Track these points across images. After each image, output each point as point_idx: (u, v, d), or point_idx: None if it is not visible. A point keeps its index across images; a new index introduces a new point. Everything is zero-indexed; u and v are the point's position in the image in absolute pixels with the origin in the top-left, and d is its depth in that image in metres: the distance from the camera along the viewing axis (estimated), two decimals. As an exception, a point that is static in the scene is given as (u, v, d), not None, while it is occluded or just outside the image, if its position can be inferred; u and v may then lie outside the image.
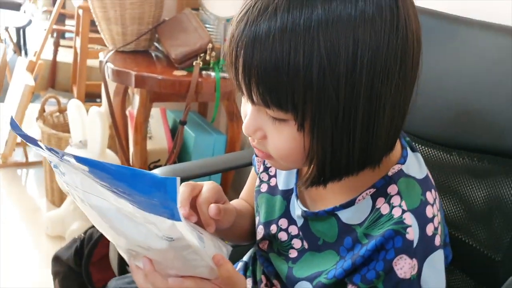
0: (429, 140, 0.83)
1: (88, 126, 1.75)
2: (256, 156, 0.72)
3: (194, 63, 1.48)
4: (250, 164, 0.85)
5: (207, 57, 1.50)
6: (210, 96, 1.54)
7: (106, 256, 1.13)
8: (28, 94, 2.10)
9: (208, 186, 0.62)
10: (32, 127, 2.63)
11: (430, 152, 0.83)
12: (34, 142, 0.49)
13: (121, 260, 0.96)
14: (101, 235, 1.12)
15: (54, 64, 2.86)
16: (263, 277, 0.73)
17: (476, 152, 0.77)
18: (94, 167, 0.44)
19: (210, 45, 1.50)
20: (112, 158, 1.87)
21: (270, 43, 0.46)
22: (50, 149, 0.47)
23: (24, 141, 0.52)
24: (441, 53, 0.81)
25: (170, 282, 0.53)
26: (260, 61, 0.47)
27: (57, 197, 2.03)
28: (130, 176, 0.42)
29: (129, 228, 0.50)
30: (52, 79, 2.87)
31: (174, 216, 0.44)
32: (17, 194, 2.17)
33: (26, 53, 3.24)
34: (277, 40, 0.46)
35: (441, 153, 0.82)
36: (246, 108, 0.56)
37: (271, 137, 0.54)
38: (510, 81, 0.72)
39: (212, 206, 0.60)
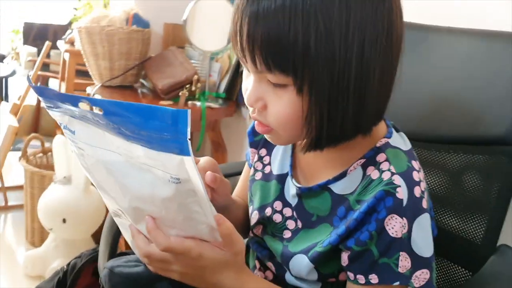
0: (410, 138, 0.88)
1: (73, 161, 1.76)
2: (253, 143, 0.76)
3: (180, 93, 1.54)
4: (240, 173, 0.88)
5: (193, 88, 1.57)
6: (196, 125, 1.58)
7: (91, 286, 1.11)
8: (11, 134, 2.10)
9: (205, 159, 0.66)
10: (13, 170, 2.62)
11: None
12: (47, 94, 0.52)
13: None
14: (84, 264, 1.11)
15: (38, 109, 2.90)
16: (256, 262, 0.75)
17: (452, 144, 0.82)
18: (109, 106, 0.46)
19: (196, 77, 1.56)
20: (95, 194, 1.87)
21: (272, 15, 0.52)
22: (65, 99, 0.50)
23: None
24: (413, 58, 0.89)
25: (171, 239, 0.55)
26: (263, 31, 0.52)
27: (38, 238, 1.99)
28: (145, 110, 0.45)
29: (135, 179, 0.52)
30: (35, 124, 2.89)
31: (183, 150, 0.47)
32: (-5, 238, 2.12)
33: (7, 100, 3.27)
34: (279, 13, 0.51)
35: (419, 149, 0.87)
36: (247, 82, 0.60)
37: (272, 104, 0.58)
38: (476, 76, 0.80)
39: (208, 173, 0.63)
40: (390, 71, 0.57)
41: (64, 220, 1.73)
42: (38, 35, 4.40)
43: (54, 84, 3.26)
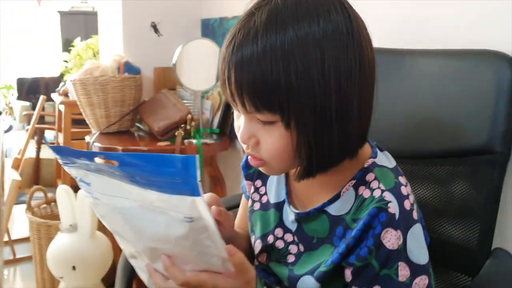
0: (396, 156, 0.94)
1: (78, 209, 1.80)
2: (247, 175, 0.81)
3: (176, 133, 1.59)
4: (238, 205, 0.93)
5: (188, 127, 1.62)
6: (194, 162, 1.63)
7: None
8: (15, 188, 2.15)
9: (208, 195, 0.71)
10: (17, 223, 2.64)
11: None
12: (64, 152, 0.57)
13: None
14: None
15: (37, 161, 2.94)
16: (265, 289, 0.79)
17: (438, 158, 0.88)
18: (125, 157, 0.52)
19: (189, 116, 1.62)
20: (102, 239, 1.90)
21: (255, 62, 0.58)
22: (81, 155, 0.55)
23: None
24: (391, 81, 0.95)
25: (188, 274, 0.59)
26: (249, 77, 0.58)
27: (49, 287, 2.01)
28: (157, 158, 0.50)
29: (150, 222, 0.56)
30: (36, 176, 2.93)
31: (194, 192, 0.52)
32: (6, 292, 2.14)
33: (6, 156, 3.31)
34: (261, 59, 0.57)
35: (408, 166, 0.92)
36: (239, 121, 0.66)
37: (263, 140, 0.63)
38: (450, 93, 0.86)
39: (214, 208, 0.68)
40: (368, 98, 0.63)
41: (73, 268, 1.76)
42: (31, 89, 4.49)
43: (50, 135, 3.32)
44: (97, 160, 0.55)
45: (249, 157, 0.67)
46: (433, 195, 0.89)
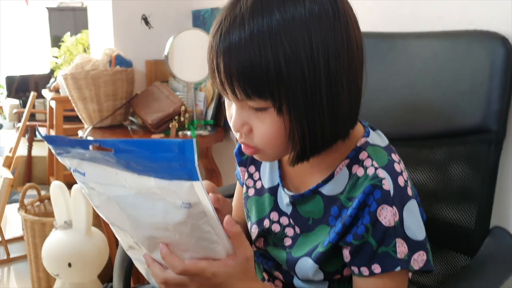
0: (393, 139, 0.94)
1: (72, 205, 1.78)
2: (241, 162, 0.81)
3: (170, 125, 1.59)
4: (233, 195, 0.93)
5: (182, 119, 1.61)
6: (189, 154, 1.62)
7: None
8: (7, 187, 2.13)
9: (205, 183, 0.70)
10: (10, 222, 2.62)
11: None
12: (59, 142, 0.56)
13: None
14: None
15: (29, 159, 2.92)
16: (264, 274, 0.79)
17: (434, 139, 0.88)
18: (120, 144, 0.51)
19: (183, 108, 1.61)
20: (98, 235, 1.89)
21: (243, 47, 0.57)
22: (76, 144, 0.54)
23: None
24: (385, 65, 0.95)
25: (186, 262, 0.58)
26: (238, 63, 0.57)
27: (44, 286, 2.00)
28: (153, 144, 0.49)
29: (148, 209, 0.55)
30: (28, 174, 2.91)
31: (192, 176, 0.51)
32: (1, 292, 2.12)
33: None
34: (248, 44, 0.57)
35: (404, 148, 0.92)
36: (231, 110, 0.65)
37: (256, 127, 0.63)
38: (443, 74, 0.86)
39: (211, 195, 0.67)
40: (357, 80, 0.63)
41: (69, 265, 1.75)
42: (20, 87, 4.45)
43: (41, 132, 3.29)
44: (91, 147, 0.54)
45: (243, 145, 0.66)
46: (430, 176, 0.89)
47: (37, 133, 3.27)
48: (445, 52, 0.87)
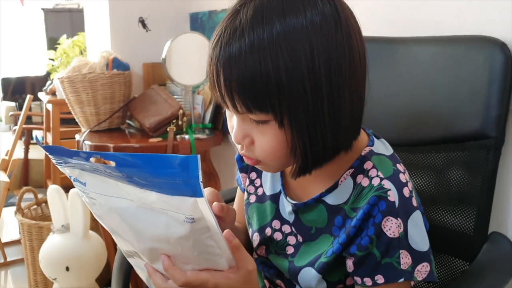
0: (392, 144, 0.94)
1: (70, 209, 1.78)
2: (242, 168, 0.81)
3: (168, 129, 1.58)
4: (233, 199, 0.92)
5: (180, 123, 1.61)
6: (187, 157, 1.62)
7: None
8: (4, 190, 2.12)
9: (207, 190, 0.69)
10: (6, 226, 2.61)
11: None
12: (58, 152, 0.55)
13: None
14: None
15: (26, 162, 2.90)
16: (266, 282, 0.78)
17: (433, 145, 0.88)
18: (122, 158, 0.50)
19: (181, 111, 1.61)
20: (96, 239, 1.88)
21: (243, 59, 0.56)
22: (75, 155, 0.54)
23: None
24: (386, 69, 0.95)
25: (188, 274, 0.57)
26: (238, 75, 0.57)
27: (42, 289, 1.99)
28: (156, 159, 0.48)
29: (149, 222, 0.55)
30: (25, 177, 2.89)
31: (196, 192, 0.50)
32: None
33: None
34: (248, 56, 0.56)
35: (403, 154, 0.92)
36: (232, 121, 0.64)
37: (258, 140, 0.62)
38: (443, 80, 0.86)
39: (215, 204, 0.66)
40: (359, 90, 0.62)
41: (67, 268, 1.74)
42: (16, 89, 4.43)
43: (38, 135, 3.28)
44: (93, 160, 0.53)
45: (244, 157, 0.66)
46: (429, 182, 0.89)
47: (36, 136, 3.25)
48: (444, 57, 0.87)
